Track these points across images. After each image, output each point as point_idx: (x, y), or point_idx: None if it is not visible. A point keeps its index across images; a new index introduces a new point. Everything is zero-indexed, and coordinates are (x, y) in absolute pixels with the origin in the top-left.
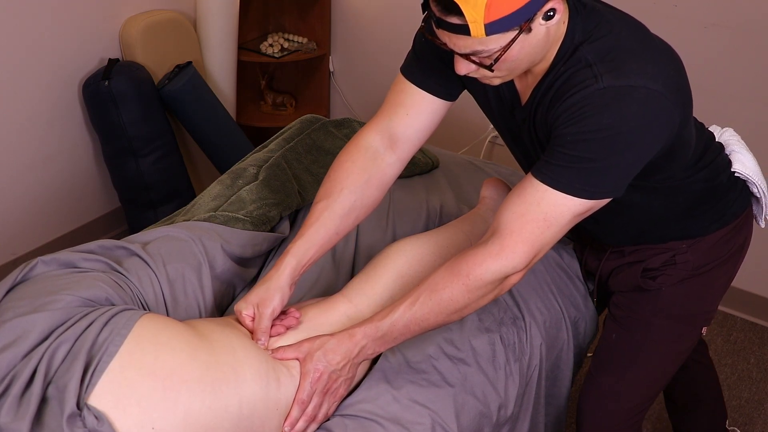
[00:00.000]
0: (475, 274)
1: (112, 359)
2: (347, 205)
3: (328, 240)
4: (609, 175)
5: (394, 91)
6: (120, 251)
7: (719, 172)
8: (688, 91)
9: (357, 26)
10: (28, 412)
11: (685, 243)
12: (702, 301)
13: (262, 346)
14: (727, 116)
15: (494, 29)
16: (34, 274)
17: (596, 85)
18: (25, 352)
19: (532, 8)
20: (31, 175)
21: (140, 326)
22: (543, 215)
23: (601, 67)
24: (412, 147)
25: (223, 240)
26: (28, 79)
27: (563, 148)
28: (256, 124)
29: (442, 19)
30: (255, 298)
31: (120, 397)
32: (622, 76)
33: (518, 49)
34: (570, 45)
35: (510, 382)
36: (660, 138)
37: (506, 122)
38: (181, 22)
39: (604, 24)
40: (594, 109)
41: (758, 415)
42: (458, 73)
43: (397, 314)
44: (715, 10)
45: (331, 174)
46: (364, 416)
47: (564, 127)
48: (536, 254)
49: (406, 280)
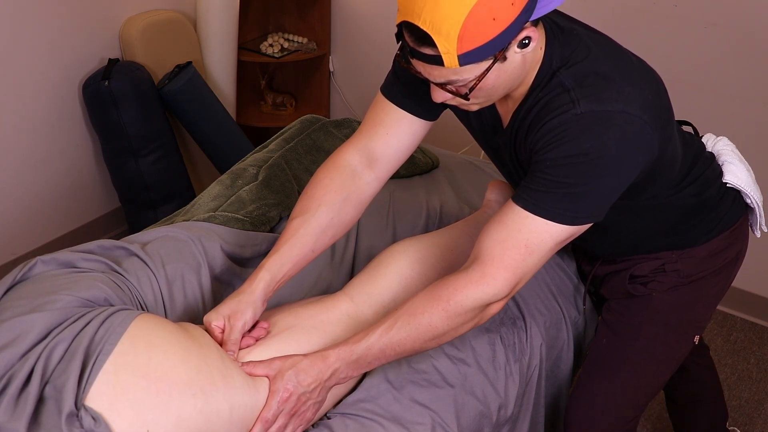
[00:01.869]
0: (455, 300)
1: (108, 357)
2: (324, 222)
3: (303, 257)
4: (589, 200)
5: (374, 110)
6: (119, 251)
7: (709, 185)
8: (668, 112)
9: (357, 26)
10: (25, 411)
11: (675, 253)
12: (694, 310)
13: (232, 357)
14: (726, 116)
15: (468, 60)
16: (33, 273)
17: (574, 110)
18: (23, 352)
19: (506, 38)
20: (32, 175)
21: (135, 326)
22: (524, 242)
23: (578, 92)
24: (392, 166)
25: (222, 240)
26: (28, 79)
27: (543, 174)
28: (256, 124)
29: (415, 50)
30: (226, 310)
31: (114, 399)
32: (600, 101)
33: (494, 77)
34: (548, 70)
35: (510, 382)
36: (640, 162)
37: (489, 143)
38: (181, 22)
39: (582, 48)
40: (572, 134)
41: (758, 415)
42: (435, 101)
43: (373, 338)
44: (715, 10)
45: (309, 190)
46: (364, 416)
47: (543, 152)
48: (518, 282)
49: (408, 282)
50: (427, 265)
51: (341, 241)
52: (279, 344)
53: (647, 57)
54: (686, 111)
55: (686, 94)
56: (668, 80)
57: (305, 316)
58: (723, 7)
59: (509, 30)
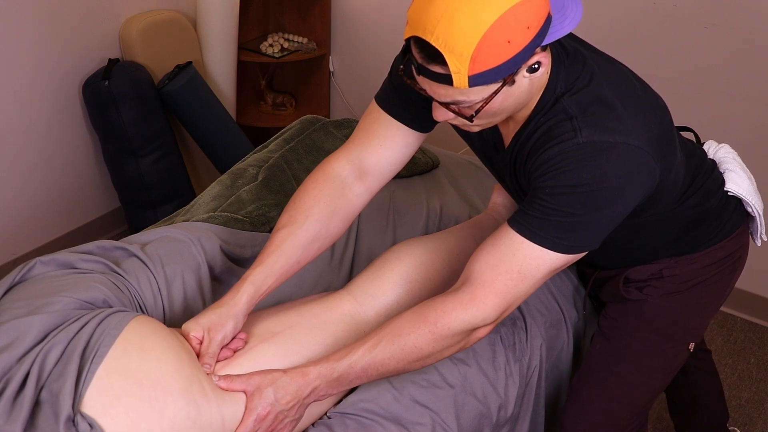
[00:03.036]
0: (443, 323)
1: (102, 360)
2: (311, 234)
3: (289, 269)
4: (586, 230)
5: (367, 119)
6: (118, 252)
7: (709, 196)
8: (672, 140)
9: (357, 26)
10: (21, 415)
11: (674, 259)
12: (688, 318)
13: (208, 370)
14: (726, 117)
15: (478, 81)
16: (33, 274)
17: (575, 140)
18: (21, 355)
19: (518, 61)
20: (31, 175)
21: (129, 330)
22: (517, 267)
23: (581, 120)
24: (383, 179)
25: (221, 241)
26: (29, 79)
27: (541, 201)
28: (256, 124)
29: (424, 67)
30: (206, 321)
31: (107, 405)
32: (602, 131)
33: (500, 100)
34: (551, 95)
35: (510, 382)
36: (640, 192)
37: (490, 161)
38: (181, 22)
39: (586, 74)
40: (572, 164)
41: (758, 415)
42: (436, 119)
43: (355, 356)
44: (715, 10)
45: (296, 201)
46: (364, 416)
47: (543, 179)
48: (508, 307)
49: (413, 286)
50: (433, 269)
51: (341, 240)
52: (282, 342)
53: (647, 57)
54: (686, 112)
55: (686, 95)
56: (668, 80)
57: (309, 315)
58: (723, 7)
59: (522, 54)
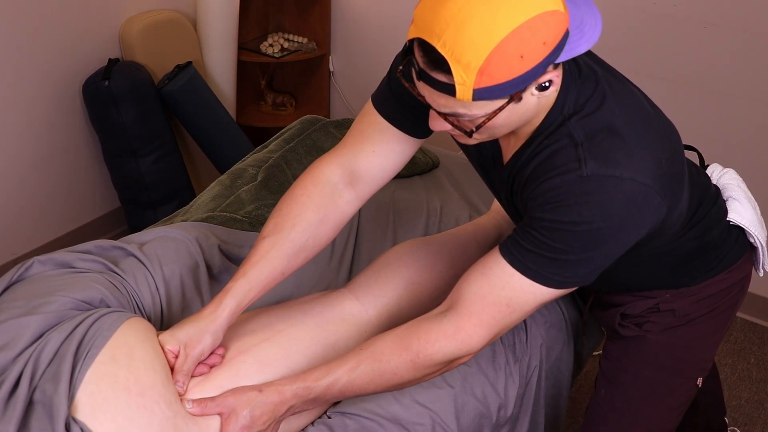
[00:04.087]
0: (425, 353)
1: (92, 362)
2: (298, 244)
3: (273, 280)
4: (581, 267)
5: (362, 121)
6: (116, 251)
7: (712, 227)
8: (682, 175)
9: (357, 26)
10: (14, 415)
11: (669, 292)
12: (693, 351)
13: (180, 389)
14: (726, 116)
15: (483, 96)
16: (30, 274)
17: (579, 171)
18: (16, 356)
19: (528, 78)
20: (31, 175)
21: (121, 333)
22: (507, 300)
23: (587, 149)
24: (375, 186)
25: (220, 241)
26: (28, 79)
27: (537, 233)
28: (256, 124)
29: (425, 72)
30: (183, 336)
31: (95, 409)
32: (608, 164)
33: (504, 117)
34: (558, 115)
35: (510, 382)
36: (642, 232)
37: (486, 174)
38: (181, 22)
39: (597, 96)
40: (574, 198)
41: (758, 415)
42: (432, 129)
43: (333, 377)
44: (715, 10)
45: (283, 208)
46: (365, 416)
47: (540, 211)
48: (494, 337)
49: (415, 288)
50: (435, 272)
51: (341, 241)
52: (285, 341)
53: (647, 57)
54: (685, 112)
55: (686, 95)
56: (668, 80)
57: (312, 312)
58: (723, 7)
59: (534, 71)
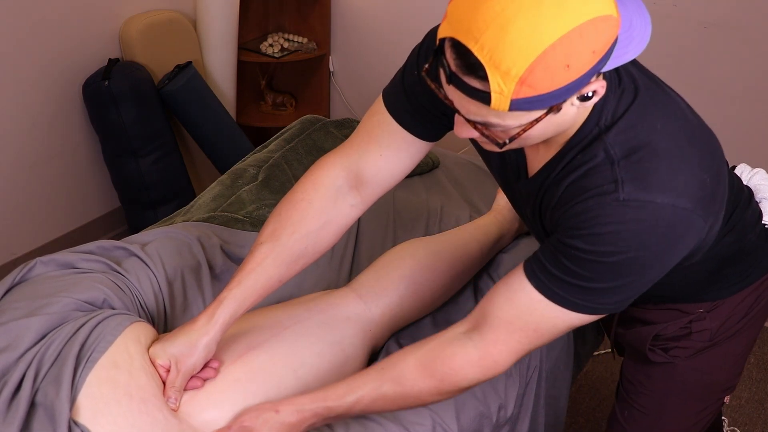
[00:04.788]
0: (451, 381)
1: (94, 366)
2: (296, 251)
3: (269, 288)
4: (617, 295)
5: (371, 119)
6: (119, 252)
7: (747, 231)
8: (724, 191)
9: (357, 26)
10: (17, 417)
11: (703, 307)
12: (722, 371)
13: (173, 405)
14: (726, 116)
15: (520, 107)
16: (33, 275)
17: (615, 195)
18: (18, 357)
19: (572, 89)
20: (32, 175)
21: (123, 338)
22: (534, 326)
23: (625, 169)
24: (381, 190)
25: (222, 240)
26: (29, 79)
27: (567, 260)
28: (256, 124)
29: (457, 76)
30: (175, 350)
31: (96, 412)
32: (648, 188)
33: (540, 129)
34: (593, 127)
35: (510, 382)
36: (681, 255)
37: (508, 185)
38: (181, 22)
39: (638, 108)
40: (608, 225)
41: (758, 415)
42: (459, 135)
43: (355, 397)
44: (715, 10)
45: (282, 212)
46: (365, 415)
47: (571, 236)
48: (519, 358)
49: (417, 287)
50: (436, 272)
51: (341, 241)
52: (292, 337)
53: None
54: None
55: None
56: (667, 80)
57: (316, 310)
58: (723, 7)
59: (578, 81)
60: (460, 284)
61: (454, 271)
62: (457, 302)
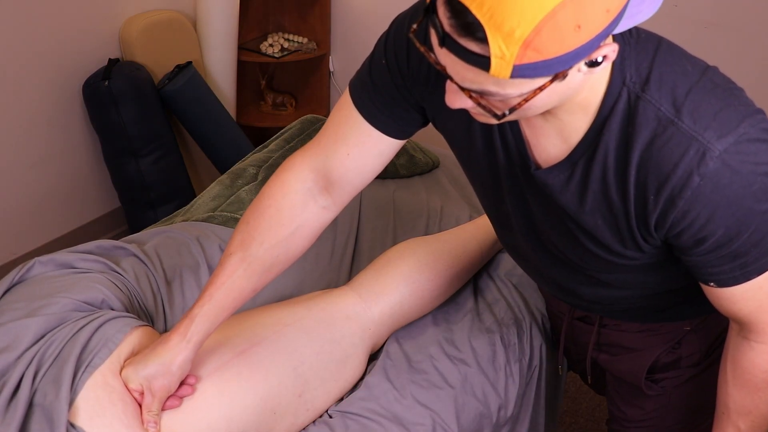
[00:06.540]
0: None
1: (94, 371)
2: (268, 261)
3: (242, 300)
4: None
5: (338, 114)
6: (118, 251)
7: None
8: None
9: (357, 26)
10: (15, 417)
11: (688, 324)
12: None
13: (152, 430)
14: None
15: (523, 73)
16: (32, 275)
17: (710, 154)
18: (17, 358)
19: (582, 53)
20: (31, 175)
21: (125, 344)
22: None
23: (692, 120)
24: (353, 190)
25: (221, 240)
26: (28, 79)
27: (721, 250)
28: (256, 124)
29: (452, 39)
30: (147, 372)
31: (93, 415)
32: (727, 125)
33: (542, 98)
34: (623, 93)
35: (510, 382)
36: None
37: (493, 175)
38: (181, 22)
39: (664, 53)
40: (734, 185)
41: None
42: (450, 106)
43: None
44: (715, 10)
45: (250, 220)
46: (365, 415)
47: (706, 229)
48: None
49: (417, 286)
50: (435, 271)
51: (341, 241)
52: (293, 334)
53: None
54: None
55: None
56: None
57: (316, 308)
58: (723, 7)
59: (589, 44)
60: (460, 284)
61: (454, 271)
62: (457, 302)
